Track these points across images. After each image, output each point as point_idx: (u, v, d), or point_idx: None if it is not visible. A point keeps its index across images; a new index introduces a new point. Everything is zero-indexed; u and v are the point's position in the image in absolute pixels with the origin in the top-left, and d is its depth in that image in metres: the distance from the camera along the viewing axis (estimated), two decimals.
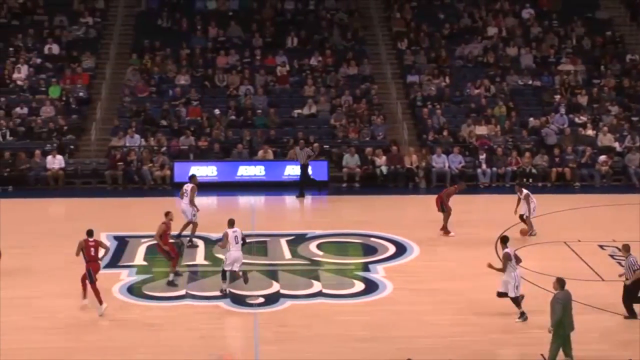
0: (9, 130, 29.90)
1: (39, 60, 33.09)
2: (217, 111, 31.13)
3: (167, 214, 19.52)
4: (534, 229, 22.63)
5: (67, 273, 19.18)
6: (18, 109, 30.84)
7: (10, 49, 33.42)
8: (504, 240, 17.61)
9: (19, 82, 32.23)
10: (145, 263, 20.78)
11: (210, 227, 23.28)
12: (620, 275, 17.63)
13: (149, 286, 19.18)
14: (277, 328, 16.93)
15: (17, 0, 35.31)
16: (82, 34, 34.63)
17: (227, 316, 17.64)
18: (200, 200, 27.86)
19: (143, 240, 22.20)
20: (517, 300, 16.96)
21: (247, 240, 19.29)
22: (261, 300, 18.40)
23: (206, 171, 28.71)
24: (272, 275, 19.94)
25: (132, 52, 33.98)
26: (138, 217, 24.74)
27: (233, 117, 31.25)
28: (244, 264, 19.18)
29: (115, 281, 19.33)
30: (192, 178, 22.80)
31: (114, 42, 34.68)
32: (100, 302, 17.36)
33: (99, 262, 17.68)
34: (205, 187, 28.11)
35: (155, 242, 19.38)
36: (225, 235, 18.44)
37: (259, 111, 31.56)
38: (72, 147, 29.83)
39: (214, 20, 35.37)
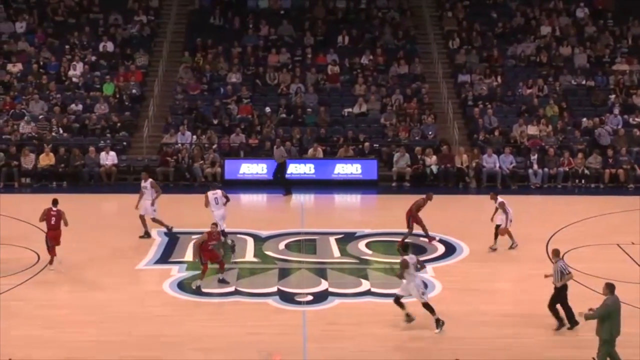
0: (63, 126, 30.36)
1: (94, 58, 33.55)
2: (267, 109, 31.29)
3: (213, 225, 19.36)
4: (515, 240, 21.32)
5: (118, 267, 19.46)
6: (73, 106, 31.31)
7: (67, 46, 33.95)
8: (403, 248, 17.48)
9: (74, 79, 32.71)
10: (195, 260, 20.88)
11: (260, 224, 23.46)
12: (546, 276, 17.00)
13: (198, 282, 19.30)
14: (325, 326, 16.95)
15: None
16: (136, 32, 35.05)
17: (276, 313, 17.69)
18: (250, 198, 28.22)
19: (193, 237, 22.28)
20: (429, 306, 16.51)
21: (297, 239, 19.36)
22: (310, 298, 18.45)
23: (256, 169, 28.88)
24: (321, 273, 19.98)
25: (184, 50, 34.30)
26: (188, 213, 24.92)
27: (283, 115, 31.38)
28: (293, 261, 19.22)
29: (166, 277, 19.53)
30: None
31: (167, 40, 35.04)
32: (50, 262, 19.09)
33: (59, 230, 19.59)
34: (255, 185, 28.42)
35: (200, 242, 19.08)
36: (206, 196, 21.30)
37: (309, 109, 31.65)
38: (124, 143, 30.18)
39: (265, 18, 35.56)
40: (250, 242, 22.14)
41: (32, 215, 22.70)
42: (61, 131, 30.28)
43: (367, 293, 18.78)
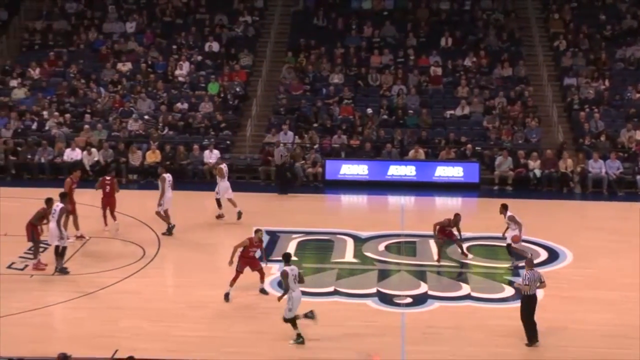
0: (169, 124, 31.03)
1: (199, 58, 34.18)
2: (369, 110, 31.31)
3: (256, 231, 18.79)
4: (528, 252, 19.98)
5: (218, 264, 19.76)
6: (179, 104, 31.96)
7: (174, 46, 34.68)
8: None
9: (180, 79, 33.40)
10: (295, 258, 21.00)
11: (360, 225, 23.51)
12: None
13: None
14: (423, 329, 16.90)
15: None
16: (241, 32, 35.56)
17: (375, 315, 17.72)
18: (350, 199, 28.29)
19: (294, 235, 22.61)
20: (293, 321, 16.05)
21: (397, 241, 19.31)
22: (409, 300, 18.42)
23: (357, 170, 28.94)
24: (421, 276, 19.91)
25: (288, 50, 34.62)
26: (289, 212, 25.20)
27: (385, 117, 31.36)
28: (393, 263, 19.20)
29: (268, 275, 19.73)
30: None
31: (271, 40, 35.42)
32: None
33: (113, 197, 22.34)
34: (355, 186, 28.49)
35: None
36: (220, 169, 23.93)
37: (411, 111, 31.55)
38: (227, 142, 30.66)
39: (369, 19, 35.59)
40: (350, 242, 22.21)
41: (138, 210, 23.35)
42: (167, 129, 30.94)
43: (467, 297, 18.64)
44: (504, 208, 20.51)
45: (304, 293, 18.54)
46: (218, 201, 24.07)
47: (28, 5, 37.35)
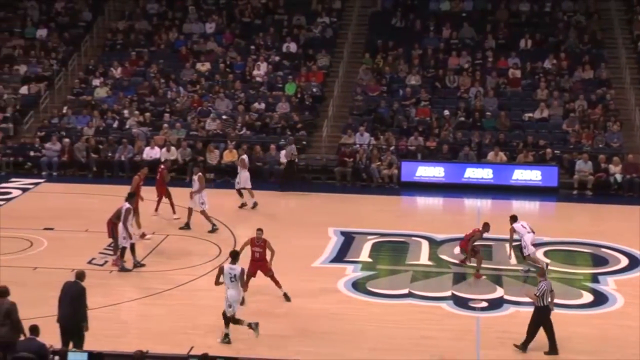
0: (246, 124, 31.27)
1: (277, 58, 34.37)
2: (446, 112, 31.05)
3: (258, 230, 18.35)
4: (540, 263, 19.64)
5: (295, 264, 19.83)
6: (256, 104, 32.20)
7: (252, 46, 34.95)
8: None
9: (258, 79, 33.63)
10: (370, 260, 21.08)
11: (436, 227, 23.34)
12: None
13: (372, 283, 19.44)
14: (498, 333, 16.69)
15: (260, 0, 36.88)
16: (319, 33, 35.65)
17: (449, 318, 17.57)
18: (426, 201, 28.14)
19: (369, 237, 22.56)
20: (227, 319, 15.97)
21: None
22: (484, 304, 18.21)
23: (433, 172, 28.72)
24: (497, 280, 19.66)
25: (365, 51, 34.57)
26: (365, 214, 25.16)
27: (462, 119, 31.06)
28: (468, 266, 19.00)
29: (341, 276, 19.76)
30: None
31: (348, 41, 35.42)
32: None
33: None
34: (432, 188, 28.29)
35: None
36: (243, 160, 25.05)
37: (489, 113, 31.17)
38: (304, 142, 30.76)
39: (447, 20, 35.31)
40: (425, 245, 22.07)
41: (214, 209, 23.53)
42: (244, 129, 31.19)
43: None
44: (513, 218, 20.48)
45: (380, 295, 18.63)
46: (239, 191, 25.19)
47: (112, 6, 38.09)
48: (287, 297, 18.14)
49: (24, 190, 27.21)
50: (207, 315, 17.18)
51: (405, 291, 18.92)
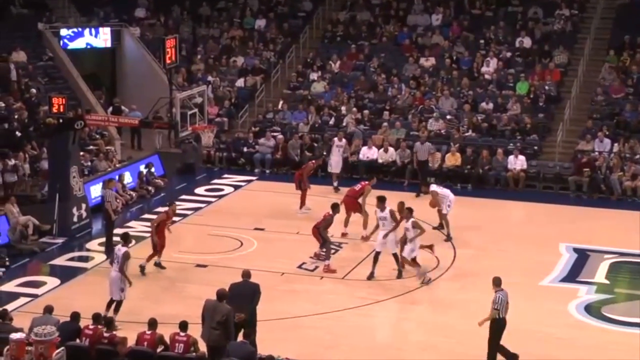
0: (472, 125, 31.04)
1: (509, 54, 33.89)
2: None
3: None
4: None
5: (520, 281, 19.44)
6: (483, 104, 31.89)
7: (481, 41, 34.65)
8: None
9: (486, 76, 33.29)
10: (606, 281, 20.42)
11: None
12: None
13: (609, 308, 18.80)
14: None
15: None
16: (557, 27, 34.83)
17: None
18: None
19: (606, 256, 21.84)
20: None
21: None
22: None
23: None
24: None
25: (609, 48, 33.44)
26: (602, 230, 24.29)
27: None
28: None
29: (573, 297, 19.26)
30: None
31: (591, 36, 34.36)
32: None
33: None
34: None
35: None
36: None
37: None
38: (535, 147, 30.14)
39: None
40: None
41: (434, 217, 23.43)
42: (470, 130, 30.97)
43: None
44: (410, 211, 20.10)
45: (617, 322, 17.92)
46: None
47: None
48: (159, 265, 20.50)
49: (236, 187, 28.32)
50: (421, 332, 17.18)
51: None
